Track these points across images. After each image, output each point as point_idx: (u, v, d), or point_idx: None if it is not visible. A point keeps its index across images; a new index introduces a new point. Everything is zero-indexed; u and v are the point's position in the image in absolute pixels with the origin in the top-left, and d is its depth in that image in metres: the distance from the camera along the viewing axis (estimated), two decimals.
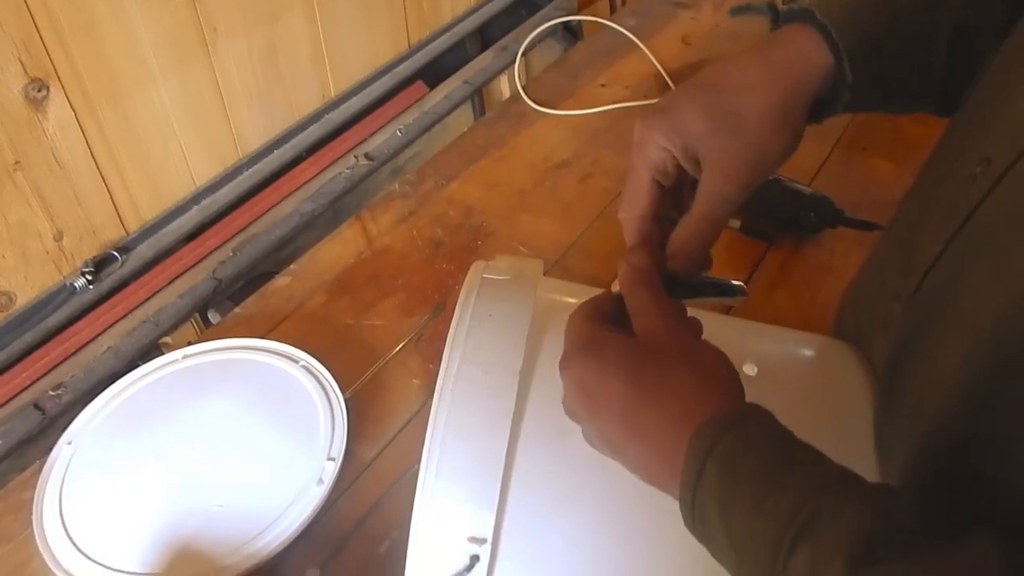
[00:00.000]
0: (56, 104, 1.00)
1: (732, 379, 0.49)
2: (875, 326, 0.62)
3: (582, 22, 1.65)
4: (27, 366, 1.03)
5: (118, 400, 0.88)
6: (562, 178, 1.18)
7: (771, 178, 1.02)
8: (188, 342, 0.94)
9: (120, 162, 1.11)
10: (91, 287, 1.09)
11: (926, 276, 0.52)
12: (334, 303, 1.01)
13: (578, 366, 0.51)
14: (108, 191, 1.11)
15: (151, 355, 1.00)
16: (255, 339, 0.93)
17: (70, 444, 0.83)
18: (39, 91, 0.97)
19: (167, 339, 1.12)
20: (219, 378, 0.90)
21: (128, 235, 1.15)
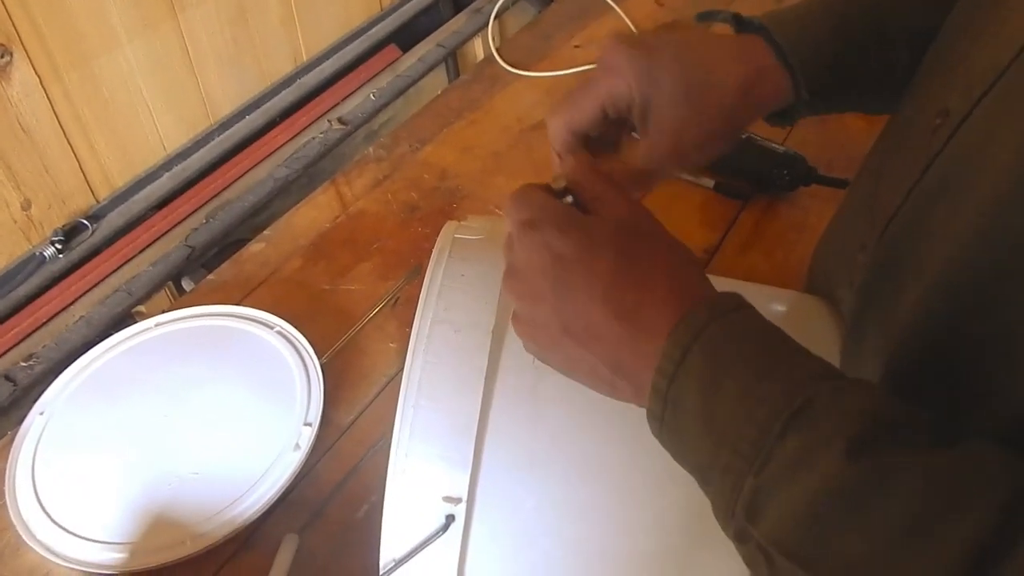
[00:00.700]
0: (20, 70, 0.98)
1: (701, 270, 0.48)
2: (842, 277, 0.62)
3: None
4: None
5: (91, 370, 0.87)
6: (537, 140, 1.17)
7: (744, 137, 1.02)
8: (162, 310, 0.93)
9: (88, 129, 1.09)
10: (61, 256, 1.08)
11: (888, 226, 0.52)
12: (309, 268, 1.00)
13: (556, 238, 0.46)
14: (76, 158, 1.09)
15: (124, 324, 0.99)
16: (229, 306, 0.92)
17: (42, 415, 0.83)
18: (1, 57, 0.96)
19: (140, 308, 1.11)
20: (193, 346, 0.89)
21: (98, 203, 1.14)
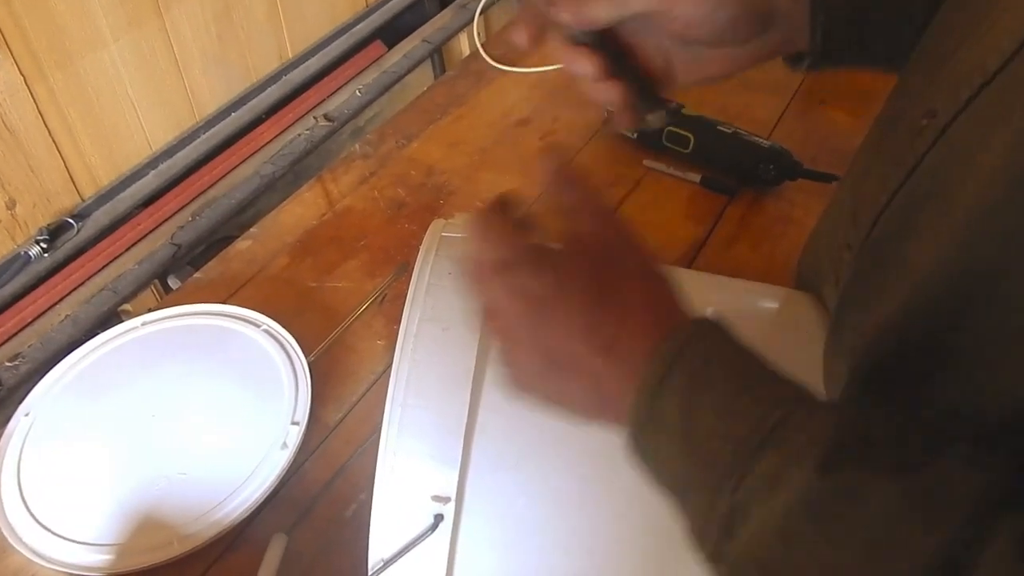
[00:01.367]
0: (4, 69, 0.98)
1: (677, 293, 0.48)
2: (828, 275, 0.63)
3: None
4: None
5: (77, 369, 0.87)
6: (523, 136, 1.17)
7: (730, 131, 1.03)
8: (148, 309, 0.92)
9: (73, 127, 1.08)
10: (46, 255, 1.08)
11: (874, 226, 0.52)
12: (296, 266, 1.00)
13: (530, 280, 0.47)
14: (61, 157, 1.08)
15: (110, 323, 0.99)
16: (216, 304, 0.92)
17: (28, 416, 0.82)
18: None
19: (127, 306, 1.10)
20: (180, 345, 0.88)
21: (83, 201, 1.13)
